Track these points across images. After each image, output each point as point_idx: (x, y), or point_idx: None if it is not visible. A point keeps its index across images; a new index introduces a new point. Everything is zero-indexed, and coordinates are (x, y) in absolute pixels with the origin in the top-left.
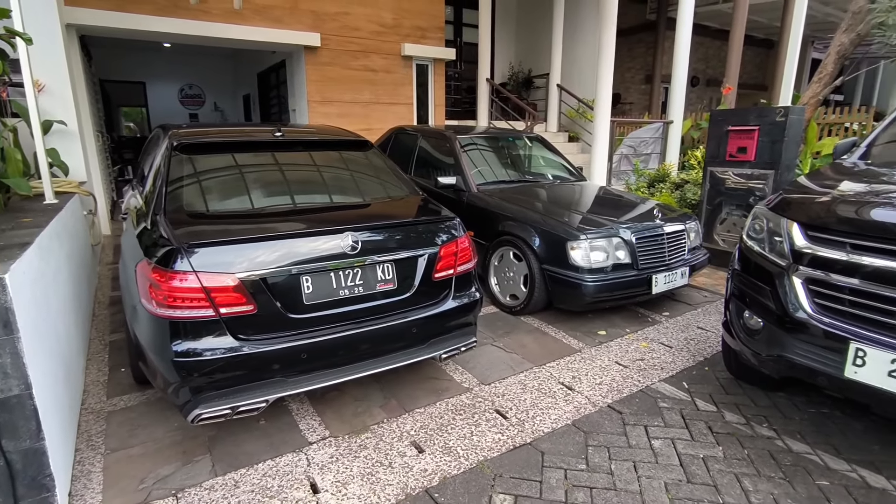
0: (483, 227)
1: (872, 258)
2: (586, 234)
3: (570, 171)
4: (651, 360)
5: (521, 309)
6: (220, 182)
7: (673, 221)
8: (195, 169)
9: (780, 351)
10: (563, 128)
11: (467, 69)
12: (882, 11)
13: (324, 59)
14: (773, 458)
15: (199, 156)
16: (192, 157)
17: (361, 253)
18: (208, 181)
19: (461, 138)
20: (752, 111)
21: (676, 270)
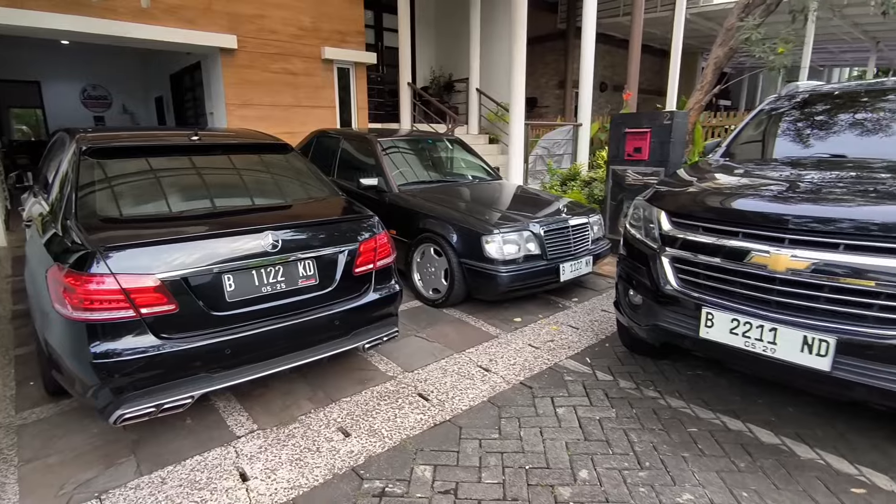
0: (405, 225)
1: (716, 239)
2: (499, 229)
3: (488, 172)
4: (560, 340)
5: (442, 301)
6: (134, 186)
7: (578, 215)
8: (107, 174)
9: (655, 321)
10: (484, 130)
11: (389, 73)
12: (748, 29)
13: (241, 61)
14: (656, 413)
15: (111, 160)
16: (104, 161)
17: (282, 251)
18: (122, 186)
19: (382, 141)
20: (644, 115)
21: (581, 259)
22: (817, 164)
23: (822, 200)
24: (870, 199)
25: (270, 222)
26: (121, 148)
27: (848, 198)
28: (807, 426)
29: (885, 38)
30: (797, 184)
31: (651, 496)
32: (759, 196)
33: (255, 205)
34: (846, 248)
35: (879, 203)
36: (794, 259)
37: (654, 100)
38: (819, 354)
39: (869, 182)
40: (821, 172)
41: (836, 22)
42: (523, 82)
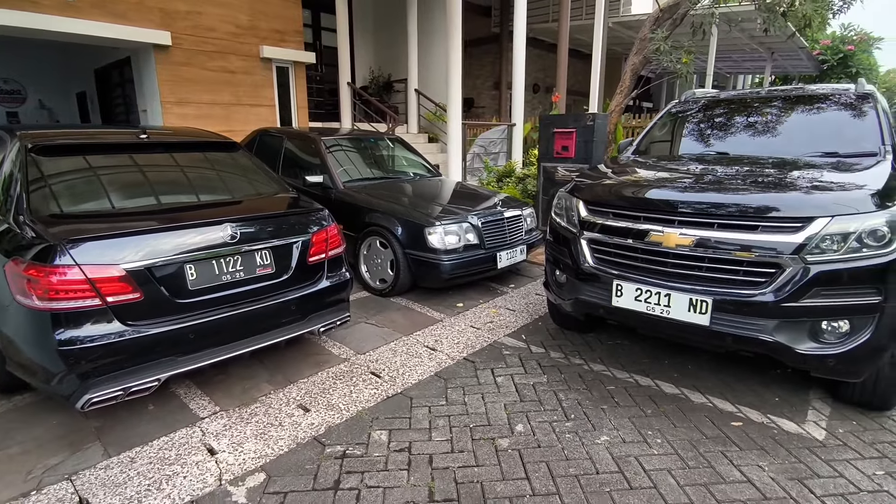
0: (351, 220)
1: (623, 222)
2: (441, 221)
3: (428, 169)
4: (499, 321)
5: (389, 291)
6: (85, 183)
7: (512, 208)
8: (57, 170)
9: (577, 295)
10: (423, 129)
11: (329, 72)
12: (658, 40)
13: (177, 58)
14: (581, 377)
15: (61, 158)
16: (53, 159)
17: (240, 242)
18: (73, 182)
19: (326, 139)
20: (570, 117)
21: (516, 248)
22: (705, 160)
23: (702, 189)
24: (738, 188)
25: (228, 216)
26: (69, 145)
27: (722, 187)
28: (701, 379)
29: (778, 49)
30: (687, 176)
31: (576, 440)
32: (657, 186)
33: (210, 200)
34: (719, 226)
35: (743, 191)
36: (682, 236)
37: (583, 101)
38: (701, 313)
39: (740, 175)
40: (707, 166)
41: (735, 34)
42: (459, 83)
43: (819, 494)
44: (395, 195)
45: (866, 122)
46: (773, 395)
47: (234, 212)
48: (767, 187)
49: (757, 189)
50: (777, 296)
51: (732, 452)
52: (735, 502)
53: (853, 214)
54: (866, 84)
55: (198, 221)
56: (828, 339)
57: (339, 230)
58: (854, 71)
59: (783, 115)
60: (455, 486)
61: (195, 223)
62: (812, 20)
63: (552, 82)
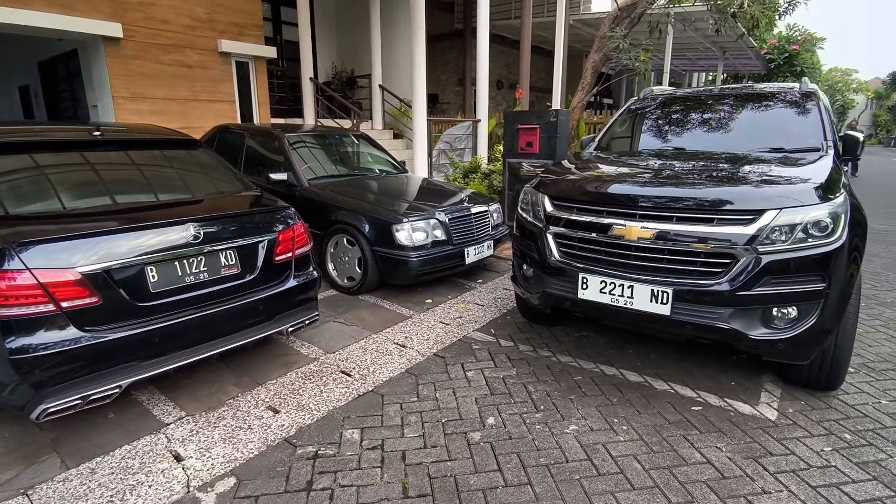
0: (317, 218)
1: (587, 217)
2: (408, 218)
3: (394, 166)
4: (468, 316)
5: (357, 289)
6: (34, 183)
7: (479, 204)
8: (3, 170)
9: (544, 288)
10: (388, 126)
11: (290, 67)
12: (616, 38)
13: (129, 51)
14: (549, 368)
15: (6, 156)
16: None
17: (204, 242)
18: (22, 182)
19: (290, 136)
20: (533, 113)
21: (484, 244)
22: (663, 156)
23: (661, 184)
24: (695, 182)
25: (190, 215)
26: (15, 143)
27: (679, 181)
28: (663, 367)
29: (730, 49)
30: (646, 171)
31: (545, 431)
32: (618, 181)
33: (170, 200)
34: (677, 219)
35: (699, 185)
36: (643, 230)
37: (546, 97)
38: (662, 303)
39: (696, 169)
40: (665, 162)
41: (690, 33)
42: (424, 79)
43: (773, 471)
44: (362, 192)
45: (810, 119)
46: (730, 379)
47: (197, 211)
48: (721, 181)
49: (712, 183)
50: (732, 285)
51: (693, 436)
52: (696, 482)
53: (799, 207)
54: (809, 83)
55: (158, 222)
56: (778, 324)
57: (305, 228)
58: (799, 69)
59: (734, 112)
60: (429, 482)
61: (155, 223)
62: (759, 21)
63: (516, 79)
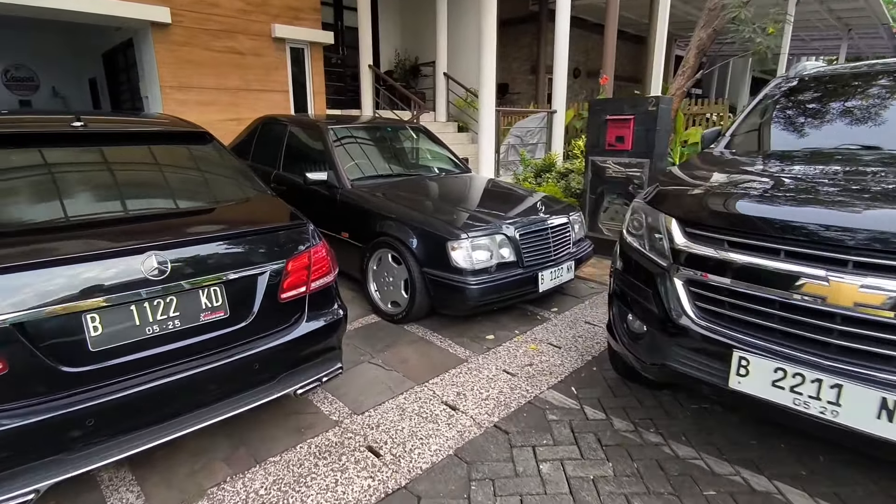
0: (359, 227)
1: (750, 257)
2: (468, 233)
3: (456, 164)
4: (540, 364)
5: (403, 317)
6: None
7: (557, 214)
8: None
9: (663, 359)
10: (453, 118)
11: (351, 56)
12: (735, 7)
13: (178, 38)
14: (662, 468)
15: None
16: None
17: (174, 277)
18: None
19: (334, 129)
20: (626, 101)
21: (563, 265)
22: (854, 159)
23: (884, 207)
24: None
25: (158, 237)
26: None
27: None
28: (843, 482)
29: (856, 26)
30: (848, 185)
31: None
32: (804, 201)
33: (141, 213)
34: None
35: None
36: (865, 290)
37: (629, 88)
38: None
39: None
40: (868, 168)
41: (814, 7)
42: (493, 66)
43: None
44: (414, 197)
45: None
46: None
47: (169, 230)
48: None
49: None
50: None
51: None
52: None
53: None
54: None
55: (108, 250)
56: None
57: (328, 251)
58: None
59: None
60: None
61: (103, 252)
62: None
63: (595, 66)
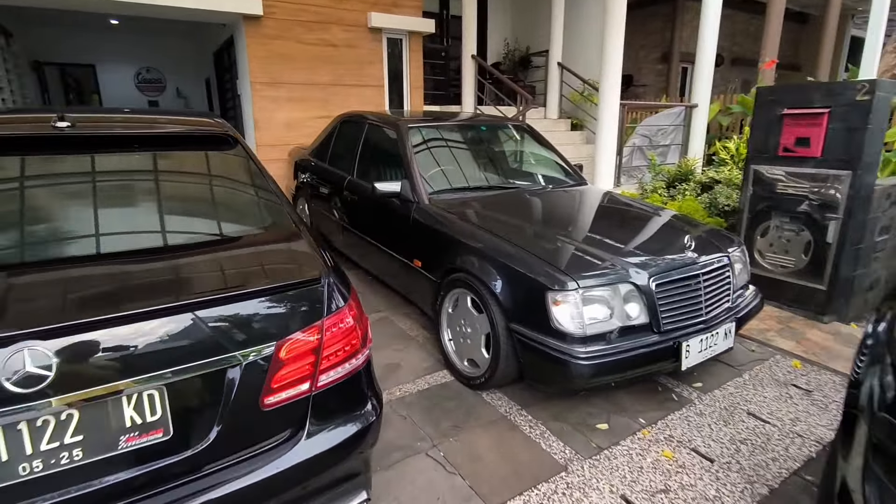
0: (432, 255)
1: None
2: (577, 280)
3: (567, 172)
4: (681, 491)
5: (482, 382)
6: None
7: (712, 250)
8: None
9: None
10: (565, 114)
11: (456, 47)
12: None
13: (269, 30)
14: None
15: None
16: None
17: (68, 382)
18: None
19: (414, 128)
20: (817, 87)
21: (719, 328)
22: None
23: None
24: None
25: (40, 318)
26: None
27: None
28: None
29: None
30: None
31: None
32: None
33: (89, 251)
34: None
35: None
36: None
37: (787, 76)
38: None
39: None
40: None
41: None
42: (620, 51)
43: None
44: (506, 219)
45: None
46: None
47: (69, 303)
48: None
49: None
50: None
51: None
52: None
53: None
54: None
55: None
56: None
57: (356, 319)
58: None
59: None
60: None
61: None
62: None
63: (742, 52)
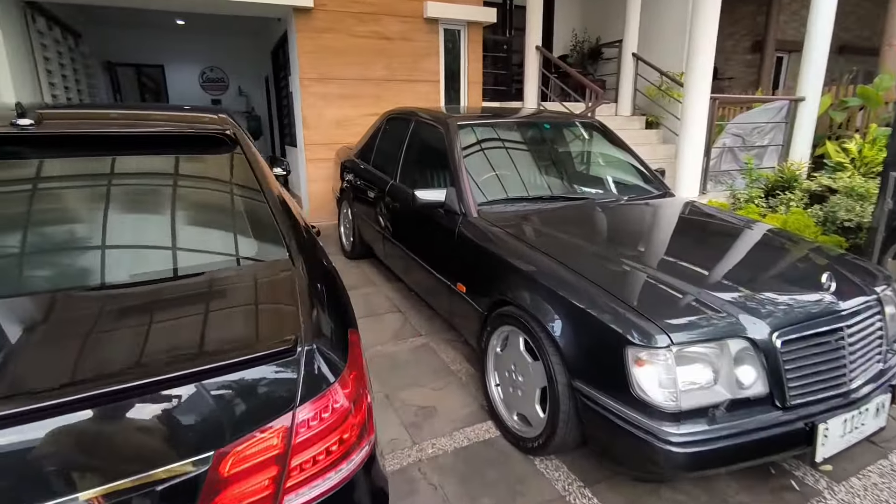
0: (479, 280)
1: None
2: (669, 332)
3: (647, 179)
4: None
5: (535, 446)
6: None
7: (852, 289)
8: None
9: None
10: (639, 110)
11: (520, 38)
12: None
13: (320, 23)
14: None
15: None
16: None
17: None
18: None
19: (465, 127)
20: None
21: (869, 404)
22: None
23: None
24: None
25: None
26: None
27: None
28: None
29: None
30: None
31: None
32: None
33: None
34: None
35: None
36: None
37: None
38: None
39: None
40: None
41: None
42: (713, 34)
43: None
44: (573, 240)
45: None
46: None
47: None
48: None
49: None
50: None
51: None
52: None
53: None
54: None
55: None
56: None
57: (352, 394)
58: None
59: None
60: None
61: None
62: None
63: (850, 38)
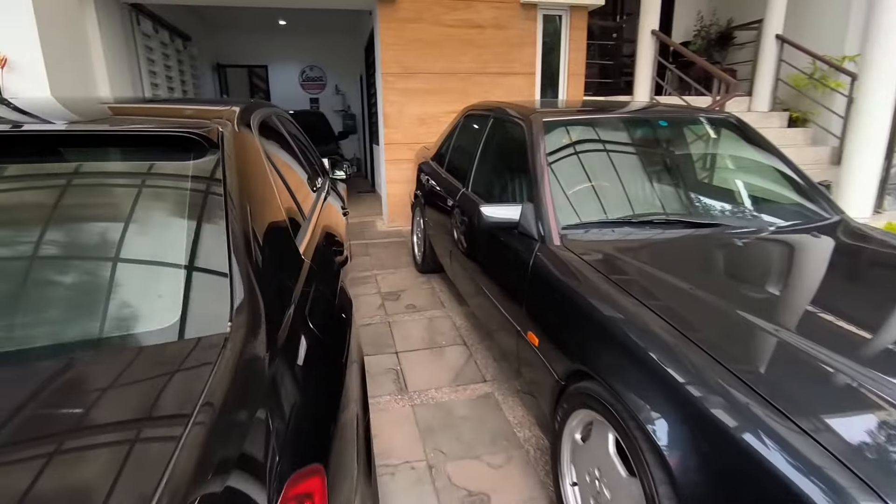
0: (555, 333)
1: None
2: (888, 500)
3: (805, 195)
4: None
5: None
6: None
7: None
8: None
9: None
10: (779, 104)
11: (631, 24)
12: None
13: (405, 13)
14: None
15: None
16: None
17: None
18: None
19: (552, 124)
20: None
21: None
22: None
23: None
24: None
25: None
26: None
27: None
28: None
29: None
30: None
31: None
32: None
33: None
34: None
35: None
36: None
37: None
38: None
39: None
40: None
41: None
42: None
43: None
44: (694, 291)
45: None
46: None
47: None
48: None
49: None
50: None
51: None
52: None
53: None
54: None
55: None
56: None
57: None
58: None
59: None
60: None
61: None
62: None
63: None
